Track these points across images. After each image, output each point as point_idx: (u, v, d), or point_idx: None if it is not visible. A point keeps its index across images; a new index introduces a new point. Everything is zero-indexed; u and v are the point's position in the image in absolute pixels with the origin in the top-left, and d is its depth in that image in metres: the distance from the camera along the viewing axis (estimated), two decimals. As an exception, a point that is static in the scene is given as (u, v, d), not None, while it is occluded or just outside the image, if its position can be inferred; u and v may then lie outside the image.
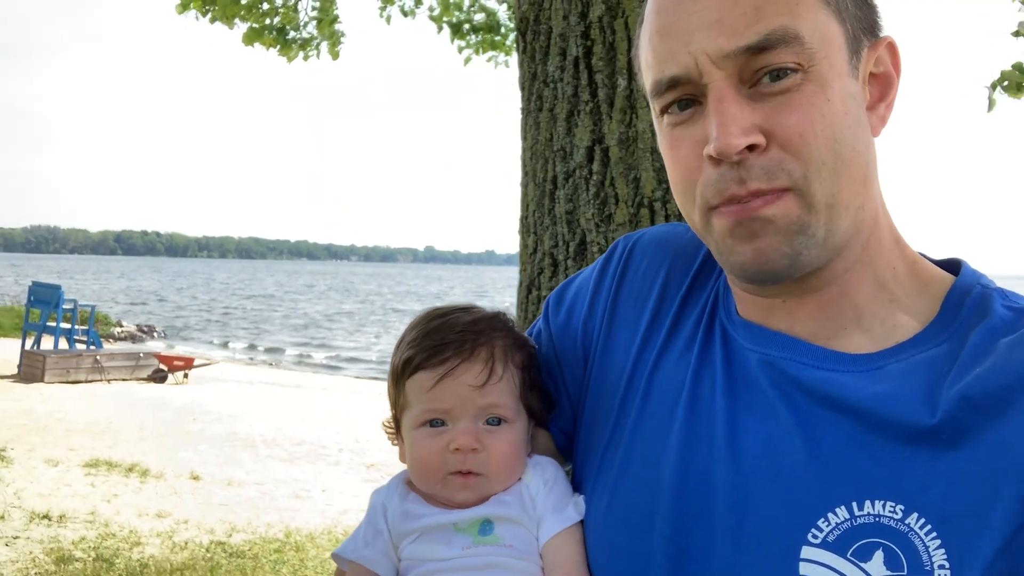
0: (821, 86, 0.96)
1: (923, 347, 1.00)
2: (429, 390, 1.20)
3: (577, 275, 1.37)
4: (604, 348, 1.24)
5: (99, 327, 26.16)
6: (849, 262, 1.02)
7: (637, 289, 1.25)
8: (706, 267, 1.22)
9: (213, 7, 6.25)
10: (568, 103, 2.51)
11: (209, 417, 14.95)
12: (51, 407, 14.75)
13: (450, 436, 1.19)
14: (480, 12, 7.96)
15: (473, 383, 1.19)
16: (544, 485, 1.21)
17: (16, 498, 8.66)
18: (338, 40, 7.23)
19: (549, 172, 2.57)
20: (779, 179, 0.95)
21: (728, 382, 1.08)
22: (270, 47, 6.93)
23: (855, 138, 0.99)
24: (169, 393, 17.91)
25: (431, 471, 1.20)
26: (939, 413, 0.92)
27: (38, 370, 17.89)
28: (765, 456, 1.00)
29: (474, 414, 1.20)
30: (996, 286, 1.05)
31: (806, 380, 1.01)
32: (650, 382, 1.16)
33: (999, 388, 0.91)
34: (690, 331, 1.17)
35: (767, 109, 0.95)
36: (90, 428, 13.08)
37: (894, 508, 0.91)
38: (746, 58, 0.95)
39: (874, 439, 0.94)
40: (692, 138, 1.00)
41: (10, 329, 27.08)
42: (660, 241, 1.29)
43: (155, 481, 9.99)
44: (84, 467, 10.31)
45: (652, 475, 1.08)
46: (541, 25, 2.62)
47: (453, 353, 1.20)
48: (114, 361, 19.42)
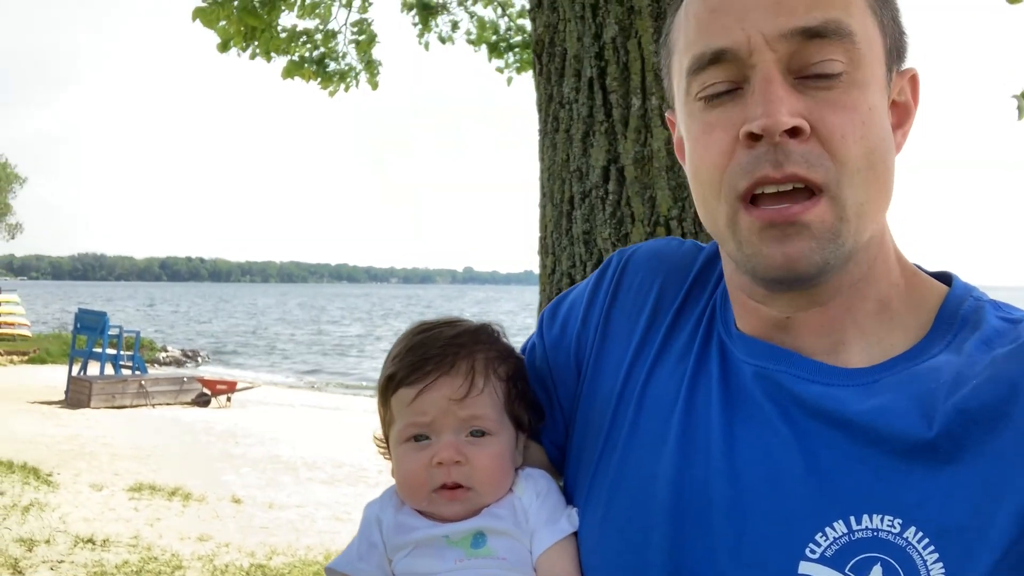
0: (863, 92, 0.96)
1: (918, 359, 1.00)
2: (410, 404, 1.20)
3: (572, 289, 1.37)
4: (597, 361, 1.24)
5: (144, 352, 26.54)
6: (855, 277, 1.02)
7: (631, 303, 1.25)
8: (701, 280, 1.22)
9: (254, 44, 6.37)
10: (583, 123, 2.52)
11: (251, 440, 15.08)
12: (97, 432, 14.96)
13: (433, 450, 1.19)
14: (518, 34, 8.02)
15: (453, 396, 1.19)
16: (537, 497, 1.21)
17: (61, 522, 8.78)
18: (376, 70, 7.35)
19: (566, 192, 2.59)
20: (817, 172, 0.94)
21: (724, 394, 1.08)
22: (310, 79, 7.05)
23: (887, 152, 0.99)
24: (212, 417, 18.09)
25: (417, 487, 1.20)
26: (936, 427, 0.92)
27: (84, 396, 18.17)
28: (762, 469, 1.00)
29: (456, 427, 1.20)
30: (988, 298, 1.05)
31: (802, 394, 1.01)
32: (643, 394, 1.15)
33: (995, 401, 0.91)
34: (685, 343, 1.16)
35: (811, 102, 0.95)
36: (135, 452, 13.24)
37: (892, 522, 0.91)
38: (799, 43, 0.94)
39: (871, 453, 0.94)
40: (728, 120, 0.98)
41: (58, 355, 27.53)
42: (654, 255, 1.29)
43: (197, 505, 10.08)
44: (128, 491, 10.43)
45: (648, 488, 1.07)
46: (556, 47, 2.64)
47: (433, 367, 1.20)
48: (159, 386, 19.67)
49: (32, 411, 17.24)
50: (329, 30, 6.91)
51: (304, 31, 6.77)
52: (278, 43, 6.33)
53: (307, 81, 6.89)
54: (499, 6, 7.97)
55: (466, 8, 7.99)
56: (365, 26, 7.07)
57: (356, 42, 6.99)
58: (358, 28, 7.04)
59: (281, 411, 20.10)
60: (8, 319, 33.28)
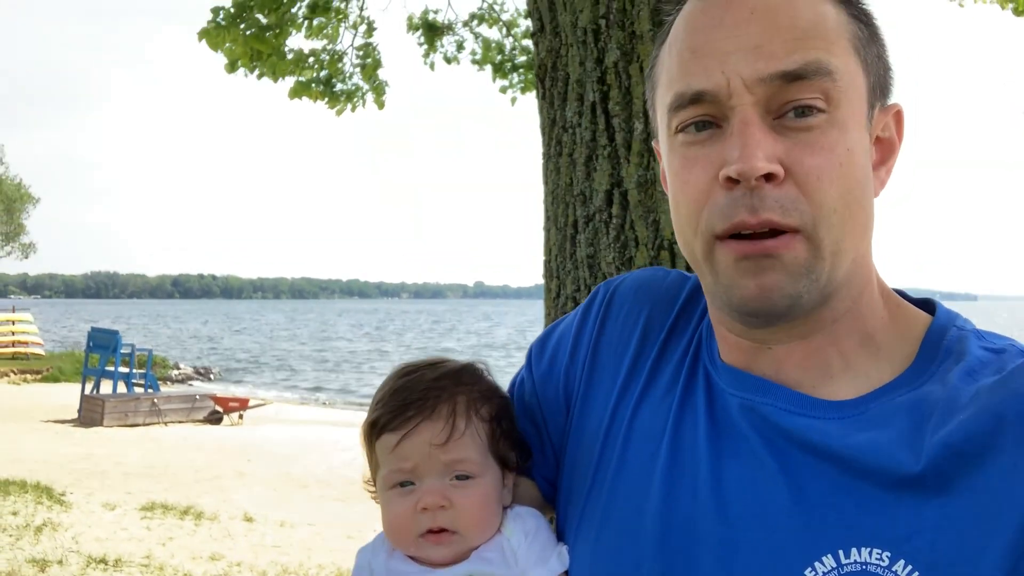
0: (842, 133, 0.97)
1: (902, 390, 1.00)
2: (393, 450, 1.20)
3: (559, 322, 1.37)
4: (585, 395, 1.24)
5: (157, 370, 26.62)
6: (838, 312, 1.02)
7: (617, 335, 1.25)
8: (687, 310, 1.22)
9: (261, 64, 6.42)
10: (586, 148, 2.53)
11: (263, 458, 15.11)
12: (109, 450, 15.02)
13: (418, 496, 1.18)
14: (523, 54, 8.06)
15: (435, 441, 1.19)
16: (526, 537, 1.20)
17: (74, 542, 8.81)
18: (383, 89, 7.40)
19: (570, 217, 2.59)
20: (791, 217, 0.95)
21: (711, 427, 1.07)
22: (317, 99, 7.10)
23: (864, 191, 1.00)
24: (224, 434, 18.15)
25: (404, 532, 1.20)
26: (923, 460, 0.92)
27: (97, 414, 18.25)
28: (750, 503, 0.99)
29: (440, 471, 1.19)
30: (972, 327, 1.05)
31: (788, 426, 1.01)
32: (631, 427, 1.15)
33: (981, 434, 0.91)
34: (671, 375, 1.16)
35: (789, 144, 0.95)
36: (147, 471, 13.29)
37: (880, 555, 0.90)
38: (778, 86, 0.95)
39: (859, 486, 0.94)
40: (707, 159, 0.99)
41: (71, 374, 27.66)
42: (640, 286, 1.29)
43: (209, 523, 10.10)
44: (141, 510, 10.46)
45: (636, 523, 1.07)
46: (559, 71, 2.66)
47: (415, 412, 1.20)
48: (171, 404, 19.75)
49: (45, 430, 17.33)
50: (335, 51, 6.96)
51: (311, 52, 6.82)
52: (285, 65, 6.38)
53: (314, 101, 6.94)
54: (504, 27, 8.02)
55: (471, 29, 8.04)
56: (370, 50, 7.12)
57: (362, 66, 7.04)
58: (363, 52, 7.09)
59: (293, 428, 20.14)
60: (21, 338, 33.44)
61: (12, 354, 32.68)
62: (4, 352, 32.66)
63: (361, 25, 7.05)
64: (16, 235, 51.05)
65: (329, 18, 6.65)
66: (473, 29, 7.99)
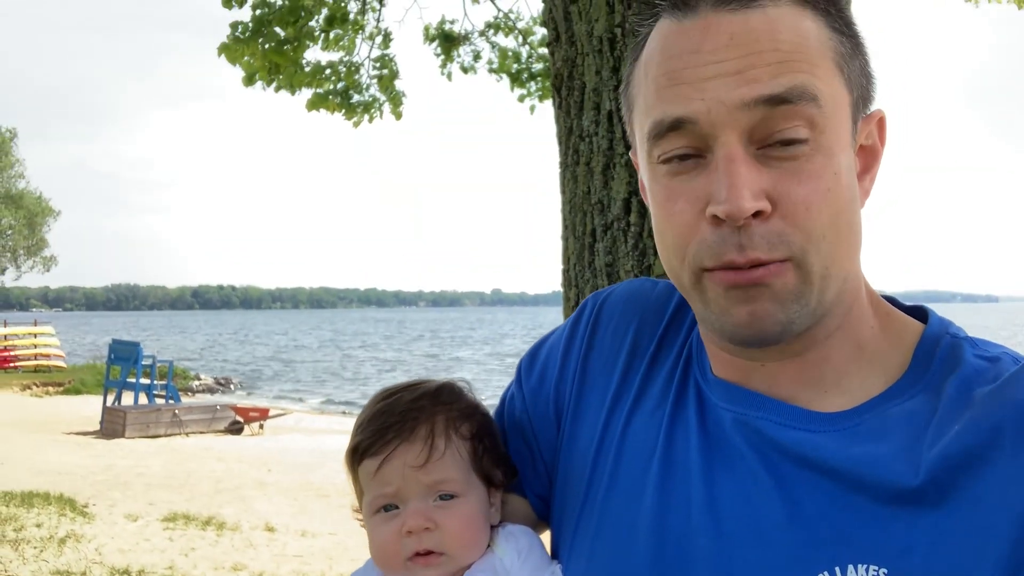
0: (828, 158, 0.95)
1: (896, 400, 0.99)
2: (375, 475, 1.19)
3: (548, 336, 1.36)
4: (576, 410, 1.22)
5: (177, 381, 26.79)
6: (830, 329, 1.01)
7: (607, 348, 1.23)
8: (675, 322, 1.21)
9: (278, 77, 6.47)
10: (604, 156, 2.54)
11: (284, 468, 15.16)
12: (131, 462, 15.11)
13: (402, 519, 1.17)
14: (539, 62, 8.08)
15: (414, 463, 1.18)
16: (518, 556, 1.19)
17: (97, 554, 8.86)
18: (400, 100, 7.45)
19: (588, 225, 2.60)
20: (779, 250, 0.93)
21: (703, 441, 1.06)
22: (335, 111, 7.15)
23: (852, 212, 0.98)
24: (245, 444, 18.22)
25: (391, 557, 1.19)
26: (922, 474, 0.91)
27: (119, 426, 18.37)
28: (745, 518, 0.98)
29: (422, 493, 1.18)
30: (964, 334, 1.04)
31: (782, 440, 1.00)
32: (622, 442, 1.14)
33: (978, 445, 0.90)
34: (661, 388, 1.15)
35: (775, 175, 0.93)
36: (169, 482, 13.36)
37: (876, 571, 0.90)
38: (762, 113, 0.92)
39: (855, 500, 0.93)
40: (692, 193, 0.96)
41: (92, 386, 27.84)
42: (628, 298, 1.27)
43: (231, 533, 10.13)
44: (163, 521, 10.51)
45: (628, 539, 1.06)
46: (575, 81, 2.67)
47: (394, 435, 1.19)
48: (192, 415, 19.85)
49: (67, 442, 17.45)
50: (353, 63, 7.00)
51: (328, 64, 6.87)
52: (303, 77, 6.43)
53: (332, 113, 6.99)
54: (520, 35, 8.04)
55: (488, 38, 8.07)
56: (387, 61, 7.17)
57: (379, 77, 7.08)
58: (380, 63, 7.14)
59: (313, 437, 20.20)
60: (43, 351, 33.74)
61: (34, 367, 33.00)
62: (26, 365, 32.98)
63: (378, 36, 7.09)
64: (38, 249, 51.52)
65: (346, 30, 6.71)
66: (490, 38, 8.02)
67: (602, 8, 2.54)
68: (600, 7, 2.54)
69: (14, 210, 49.32)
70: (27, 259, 51.61)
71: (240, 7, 5.91)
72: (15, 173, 50.44)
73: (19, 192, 50.26)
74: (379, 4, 7.05)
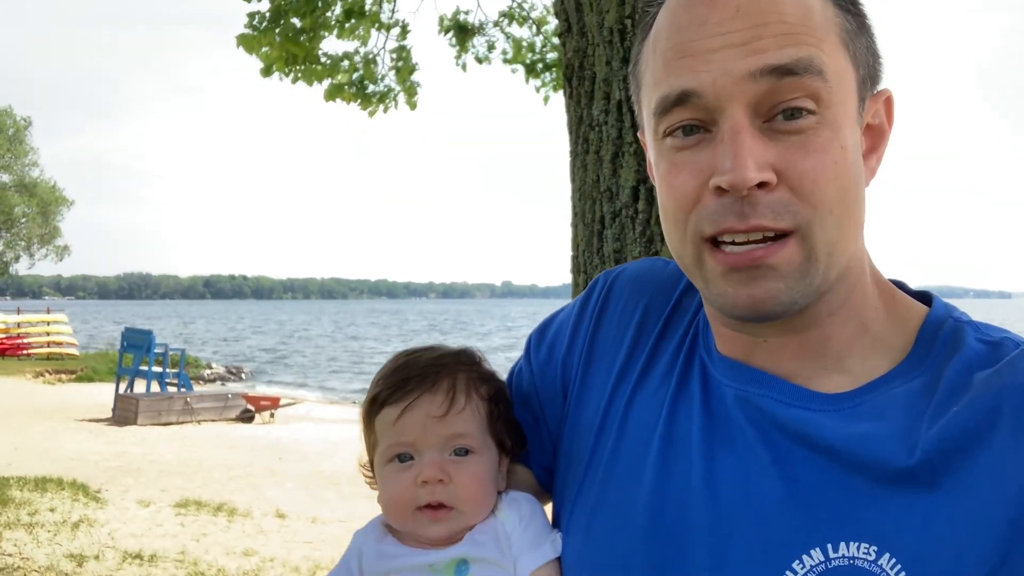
0: (835, 132, 0.94)
1: (897, 382, 0.99)
2: (394, 424, 1.21)
3: (558, 312, 1.37)
4: (582, 385, 1.24)
5: (189, 370, 26.91)
6: (833, 307, 1.02)
7: (615, 326, 1.24)
8: (683, 302, 1.21)
9: (296, 69, 6.51)
10: (613, 145, 2.58)
11: (295, 456, 15.24)
12: (144, 449, 15.21)
13: (417, 469, 1.19)
14: (553, 51, 8.08)
15: (435, 413, 1.19)
16: (520, 522, 1.20)
17: (110, 538, 8.95)
18: (415, 91, 7.48)
19: (597, 212, 2.64)
20: (784, 220, 0.93)
21: (706, 417, 1.07)
22: (351, 102, 7.20)
23: (858, 189, 0.98)
24: (256, 433, 18.31)
25: (401, 507, 1.20)
26: (917, 453, 0.92)
27: (131, 413, 18.47)
28: (742, 494, 0.99)
29: (439, 445, 1.20)
30: (968, 318, 1.05)
31: (782, 418, 1.00)
32: (625, 417, 1.15)
33: (975, 427, 0.91)
34: (666, 366, 1.16)
35: (781, 148, 0.93)
36: (181, 469, 13.45)
37: (868, 549, 0.91)
38: (770, 83, 0.92)
39: (851, 479, 0.94)
40: (696, 165, 0.96)
41: (105, 374, 27.98)
42: (639, 277, 1.28)
43: (242, 520, 10.21)
44: (175, 507, 10.60)
45: (627, 511, 1.07)
46: (586, 71, 2.71)
47: (415, 386, 1.21)
48: (203, 403, 19.96)
49: (80, 429, 17.57)
50: (369, 53, 7.05)
51: (345, 55, 6.91)
52: (320, 69, 6.47)
53: (348, 103, 7.04)
54: (533, 24, 8.06)
55: (502, 28, 8.09)
56: (404, 53, 7.21)
57: (396, 68, 7.12)
58: (397, 55, 7.18)
59: (324, 426, 20.27)
60: (56, 338, 33.93)
61: (47, 354, 33.19)
62: (39, 352, 33.18)
63: (395, 28, 7.13)
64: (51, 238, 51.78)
65: (362, 21, 6.74)
66: (504, 28, 8.03)
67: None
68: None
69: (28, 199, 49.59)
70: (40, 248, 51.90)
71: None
72: (29, 162, 50.73)
73: (33, 181, 50.55)
74: (394, -5, 7.09)
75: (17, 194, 49.68)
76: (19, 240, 51.44)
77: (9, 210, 49.51)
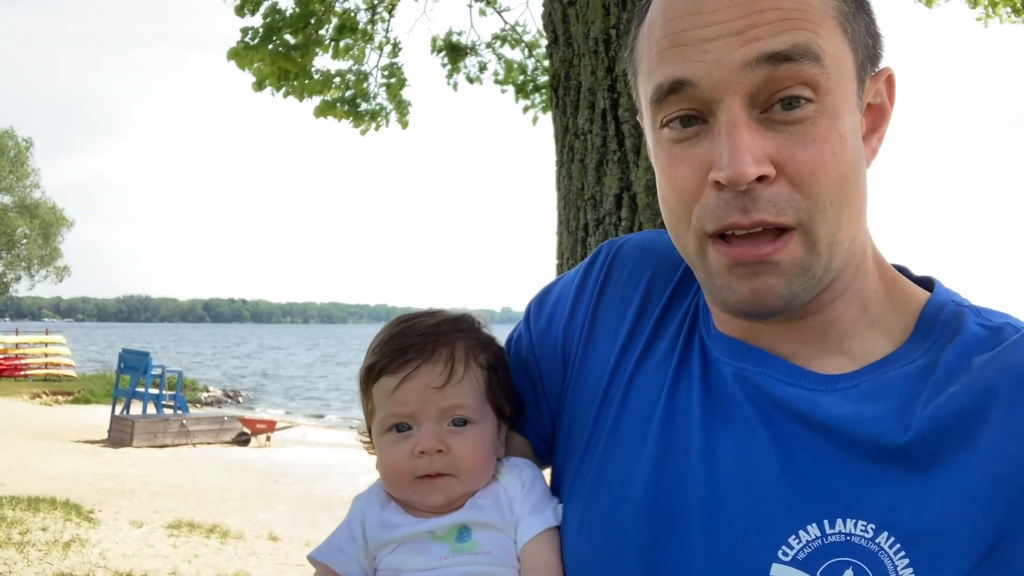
0: (833, 120, 0.94)
1: (896, 364, 0.99)
2: (392, 394, 1.20)
3: (559, 279, 1.35)
4: (584, 355, 1.22)
5: (186, 392, 26.82)
6: (837, 292, 1.02)
7: (619, 296, 1.23)
8: (688, 276, 1.19)
9: (288, 83, 6.56)
10: (597, 153, 2.60)
11: (289, 479, 15.17)
12: (138, 471, 15.14)
13: (416, 440, 1.18)
14: (544, 74, 8.14)
15: (434, 384, 1.18)
16: (522, 487, 1.20)
17: (102, 558, 8.89)
18: (406, 110, 7.53)
19: (581, 220, 2.66)
20: (786, 214, 0.93)
21: (705, 394, 1.07)
22: (342, 119, 7.24)
23: (858, 175, 0.98)
24: (252, 456, 18.24)
25: (400, 477, 1.20)
26: (911, 431, 0.92)
27: (127, 435, 18.40)
28: (739, 470, 1.00)
29: (437, 416, 1.19)
30: (969, 303, 1.04)
31: (780, 396, 1.01)
32: (627, 391, 1.15)
33: (971, 407, 0.91)
34: (670, 341, 1.15)
35: (779, 139, 0.93)
36: (174, 491, 13.38)
37: (865, 527, 0.91)
38: (765, 73, 0.92)
39: (847, 457, 0.94)
40: (695, 158, 0.96)
41: (102, 396, 27.87)
42: (643, 248, 1.27)
43: (235, 542, 10.14)
44: (167, 528, 10.52)
45: (626, 485, 1.07)
46: (571, 81, 2.73)
47: (413, 355, 1.20)
48: (200, 425, 19.88)
49: (75, 450, 17.50)
50: (361, 72, 7.10)
51: (338, 72, 6.97)
52: (312, 85, 6.52)
53: (339, 120, 7.09)
54: (526, 47, 8.13)
55: (494, 50, 8.17)
56: (395, 70, 7.27)
57: (387, 85, 7.18)
58: (388, 72, 7.24)
59: (319, 450, 20.20)
60: (54, 359, 33.87)
61: (44, 375, 33.11)
62: (37, 373, 33.09)
63: (387, 46, 7.20)
64: (52, 259, 51.86)
65: (355, 39, 6.80)
66: (496, 50, 8.11)
67: (598, 11, 2.60)
68: (596, 10, 2.61)
69: (29, 220, 49.71)
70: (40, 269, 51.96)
71: (252, 14, 6.02)
72: (30, 183, 50.91)
73: (34, 202, 50.69)
74: (388, 15, 7.16)
75: (18, 215, 49.82)
76: (19, 261, 51.54)
77: (10, 231, 49.67)
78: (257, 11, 5.96)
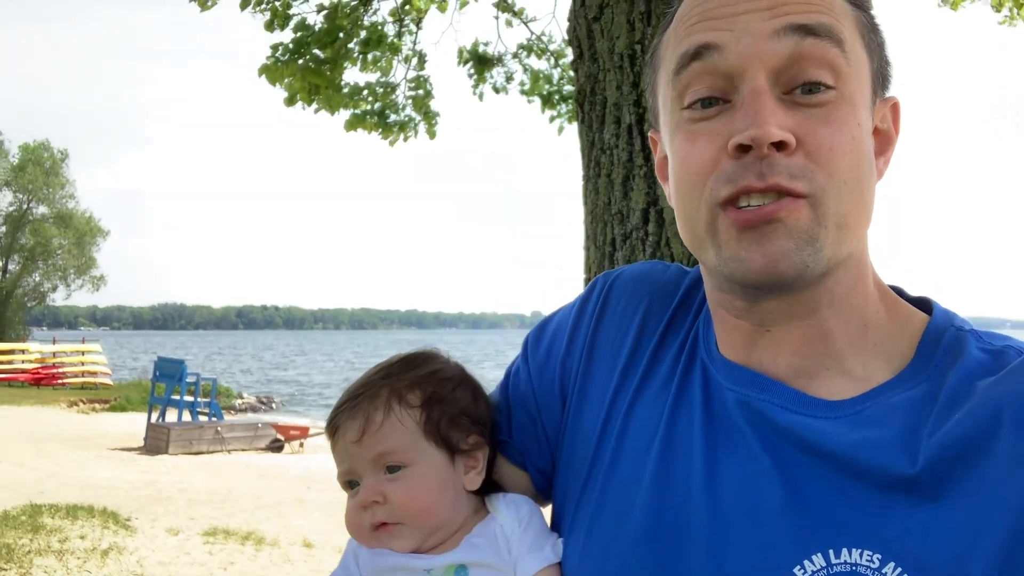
0: (852, 108, 0.96)
1: (898, 390, 0.99)
2: (334, 454, 1.25)
3: (556, 313, 1.34)
4: (582, 387, 1.21)
5: (220, 399, 27.05)
6: (836, 294, 1.00)
7: (615, 328, 1.22)
8: (685, 304, 1.19)
9: (318, 98, 6.63)
10: (623, 168, 2.61)
11: (323, 485, 15.24)
12: (174, 478, 15.30)
13: (359, 494, 1.21)
14: (570, 84, 8.15)
15: (352, 439, 1.21)
16: (519, 525, 1.19)
17: (139, 566, 9.00)
18: (434, 120, 7.60)
19: (608, 235, 2.67)
20: (800, 183, 0.93)
21: (707, 421, 1.06)
22: (371, 131, 7.32)
23: (870, 171, 0.99)
24: (286, 462, 18.37)
25: (359, 530, 1.22)
26: (920, 462, 0.91)
27: (163, 442, 18.60)
28: (743, 498, 0.98)
29: (371, 468, 1.20)
30: (969, 327, 1.04)
31: (784, 424, 0.99)
32: (626, 421, 1.13)
33: (976, 435, 0.90)
34: (668, 369, 1.14)
35: (800, 118, 0.94)
36: (210, 498, 13.50)
37: (871, 557, 0.90)
38: (791, 44, 0.94)
39: (852, 486, 0.93)
40: (714, 132, 0.96)
41: (138, 403, 28.19)
42: (639, 279, 1.26)
43: (270, 549, 10.22)
44: (203, 536, 10.63)
45: (627, 517, 1.06)
46: (597, 96, 2.75)
47: (340, 414, 1.24)
48: (234, 432, 20.07)
49: (112, 457, 17.72)
50: (389, 84, 7.17)
51: (366, 85, 7.05)
52: (341, 98, 6.59)
53: (368, 132, 7.16)
54: (552, 56, 8.15)
55: (520, 60, 8.20)
56: (422, 81, 7.34)
57: (414, 97, 7.25)
58: (415, 83, 7.31)
59: (352, 456, 20.26)
60: (91, 368, 34.35)
61: (81, 384, 33.59)
62: (74, 382, 33.59)
63: (413, 58, 7.26)
64: (87, 268, 52.57)
65: (383, 51, 6.86)
66: (522, 60, 8.14)
67: (623, 26, 2.62)
68: (621, 25, 2.62)
69: (64, 230, 50.43)
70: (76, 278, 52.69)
71: (282, 30, 6.10)
72: (66, 194, 51.70)
73: (69, 212, 51.43)
74: (415, 27, 7.23)
75: (54, 226, 50.58)
76: (56, 271, 52.32)
77: (46, 241, 50.43)
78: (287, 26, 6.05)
